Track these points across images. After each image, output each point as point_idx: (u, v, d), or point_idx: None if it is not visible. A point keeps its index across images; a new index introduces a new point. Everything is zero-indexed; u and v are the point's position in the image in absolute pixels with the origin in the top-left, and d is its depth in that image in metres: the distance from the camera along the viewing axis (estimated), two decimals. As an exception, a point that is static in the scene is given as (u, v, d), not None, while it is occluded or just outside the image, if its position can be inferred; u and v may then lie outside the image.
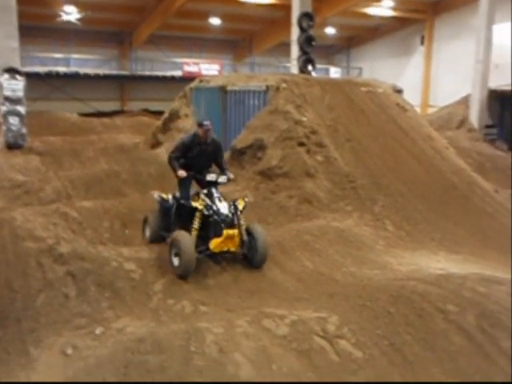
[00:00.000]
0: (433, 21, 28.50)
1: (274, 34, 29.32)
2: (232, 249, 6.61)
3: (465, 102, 21.53)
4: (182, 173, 6.83)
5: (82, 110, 26.03)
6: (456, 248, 8.64)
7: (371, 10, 27.28)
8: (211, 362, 3.98)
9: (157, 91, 27.04)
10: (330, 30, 30.95)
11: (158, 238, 7.35)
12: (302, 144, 10.31)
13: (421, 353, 4.61)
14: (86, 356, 4.60)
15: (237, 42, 32.92)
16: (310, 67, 15.57)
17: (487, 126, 20.72)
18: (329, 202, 9.38)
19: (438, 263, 7.72)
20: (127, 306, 5.72)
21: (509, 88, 20.47)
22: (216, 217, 6.51)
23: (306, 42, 15.67)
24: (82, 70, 25.83)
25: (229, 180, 7.16)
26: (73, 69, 25.81)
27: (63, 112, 23.17)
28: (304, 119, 10.69)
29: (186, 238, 6.36)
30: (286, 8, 19.82)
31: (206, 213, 6.56)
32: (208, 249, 6.52)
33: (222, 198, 6.75)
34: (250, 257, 6.68)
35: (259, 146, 10.62)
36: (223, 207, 6.60)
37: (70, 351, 4.85)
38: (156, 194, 7.68)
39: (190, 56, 29.11)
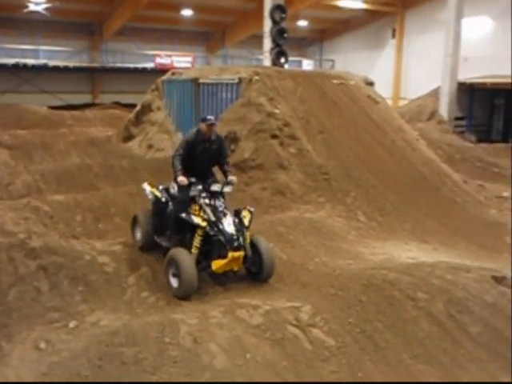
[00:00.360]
0: (403, 14, 28.83)
1: (246, 26, 29.27)
2: (235, 269, 6.00)
3: (435, 94, 21.89)
4: (183, 180, 6.06)
5: (52, 102, 25.60)
6: (426, 237, 8.83)
7: (343, 3, 27.44)
8: (186, 352, 4.01)
9: (128, 84, 26.78)
10: (302, 23, 31.05)
11: (151, 243, 6.59)
12: (274, 136, 10.36)
13: (391, 339, 4.72)
14: (59, 350, 4.58)
15: (209, 34, 32.76)
16: (282, 60, 15.62)
17: (456, 118, 21.13)
18: (302, 194, 9.47)
19: (408, 252, 7.88)
20: (101, 300, 5.70)
21: (477, 81, 20.90)
22: (221, 237, 5.81)
23: (279, 34, 15.70)
24: (52, 62, 25.36)
25: (233, 186, 6.45)
26: (42, 61, 25.31)
27: (32, 105, 22.75)
28: (277, 112, 10.74)
29: (186, 258, 5.68)
30: (259, 0, 19.79)
31: (209, 232, 5.87)
32: (209, 267, 5.88)
33: (226, 211, 6.04)
34: (254, 272, 6.11)
35: (232, 139, 10.63)
36: (228, 224, 5.88)
37: (43, 345, 4.82)
38: (148, 189, 6.88)
39: (162, 48, 28.86)
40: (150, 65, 27.23)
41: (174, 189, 6.57)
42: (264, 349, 4.24)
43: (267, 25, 16.43)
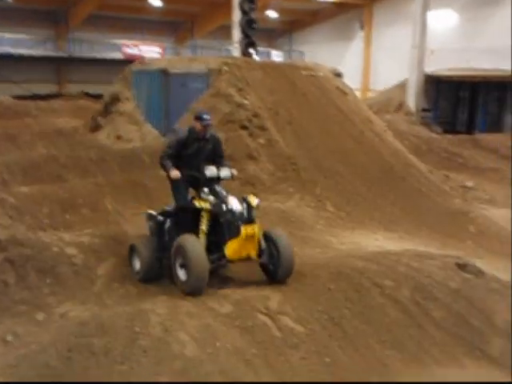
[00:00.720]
0: (371, 6, 29.10)
1: (215, 16, 29.12)
2: (253, 254, 5.33)
3: (403, 86, 22.22)
4: (176, 173, 5.57)
5: (17, 92, 24.93)
6: (393, 227, 9.01)
7: (312, -6, 27.54)
8: (156, 341, 4.02)
9: (96, 74, 26.28)
10: (271, 14, 31.01)
11: (153, 273, 5.84)
12: (244, 127, 10.40)
13: (359, 326, 4.82)
14: (27, 342, 4.53)
15: (178, 24, 32.45)
16: (252, 50, 15.56)
17: (423, 110, 21.51)
18: (271, 184, 9.54)
19: (376, 241, 8.04)
20: (70, 291, 5.65)
21: (443, 73, 21.29)
22: (229, 214, 5.25)
23: (248, 25, 15.62)
24: (16, 51, 24.71)
25: (232, 176, 5.86)
26: (5, 49, 24.65)
27: (-4, 94, 22.18)
28: (246, 102, 10.77)
29: (195, 244, 5.10)
30: (228, -10, 19.73)
31: (215, 210, 5.30)
32: (223, 256, 5.25)
33: (230, 194, 5.51)
34: (271, 269, 5.45)
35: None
36: (235, 202, 5.38)
37: (10, 338, 4.77)
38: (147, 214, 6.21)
39: (131, 38, 28.46)
40: (118, 55, 26.83)
41: (169, 207, 6.05)
42: (234, 336, 4.29)
43: (236, 15, 16.37)
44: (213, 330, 4.29)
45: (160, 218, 5.98)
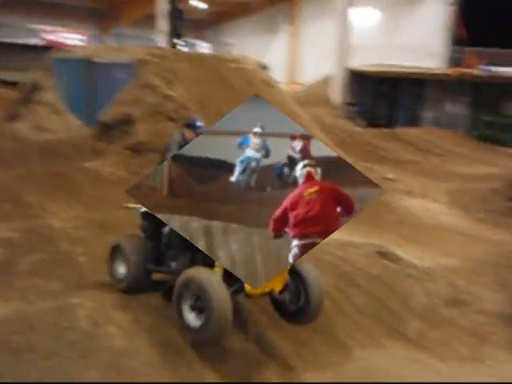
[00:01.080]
0: (299, 0, 29.43)
1: (141, 4, 28.43)
2: (278, 288, 4.27)
3: (328, 80, 22.75)
4: None
5: None
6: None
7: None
8: (84, 335, 3.97)
9: (13, 60, 24.95)
10: (199, 4, 30.72)
11: (141, 282, 4.88)
12: (171, 119, 10.31)
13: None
14: None
15: (102, 11, 31.39)
16: (179, 41, 15.42)
17: (348, 104, 22.16)
18: (200, 176, 9.53)
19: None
20: (-12, 289, 5.42)
21: (366, 69, 22.05)
22: None
23: (175, 15, 15.46)
24: None
25: None
26: None
27: None
28: (173, 94, 10.67)
29: (214, 279, 3.96)
30: (154, -21, 19.38)
31: None
32: (242, 290, 4.10)
33: None
34: (292, 310, 4.46)
35: (128, 121, 10.44)
36: None
37: None
38: (134, 205, 5.14)
39: (52, 24, 27.26)
40: (37, 41, 25.65)
41: None
42: (162, 328, 4.30)
43: (162, 4, 16.12)
44: (141, 322, 4.29)
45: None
